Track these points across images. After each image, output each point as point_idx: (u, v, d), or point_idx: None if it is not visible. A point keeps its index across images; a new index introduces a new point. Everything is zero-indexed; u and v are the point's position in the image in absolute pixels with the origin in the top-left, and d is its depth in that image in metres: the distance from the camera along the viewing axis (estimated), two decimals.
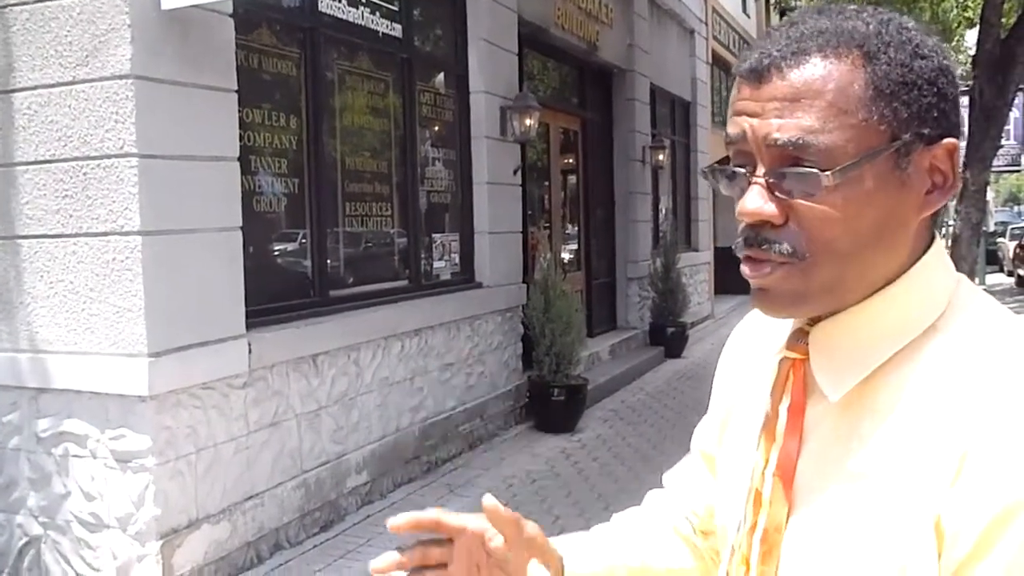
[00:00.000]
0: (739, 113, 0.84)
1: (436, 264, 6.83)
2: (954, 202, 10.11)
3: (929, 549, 0.75)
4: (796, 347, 0.89)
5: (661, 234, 12.35)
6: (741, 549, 0.90)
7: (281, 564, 4.56)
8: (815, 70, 0.79)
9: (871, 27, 0.81)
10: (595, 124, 10.65)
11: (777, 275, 0.82)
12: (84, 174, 3.99)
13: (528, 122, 7.34)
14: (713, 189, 0.90)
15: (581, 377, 7.65)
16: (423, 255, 6.63)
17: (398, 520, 0.94)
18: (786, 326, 0.92)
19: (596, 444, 6.97)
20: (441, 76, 7.01)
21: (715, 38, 16.22)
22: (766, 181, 0.81)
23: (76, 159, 4.00)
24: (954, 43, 17.73)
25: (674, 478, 1.20)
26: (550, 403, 7.38)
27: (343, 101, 5.85)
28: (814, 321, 0.87)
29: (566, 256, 9.88)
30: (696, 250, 14.39)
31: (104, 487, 4.01)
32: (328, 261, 5.53)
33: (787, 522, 0.85)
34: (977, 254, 8.96)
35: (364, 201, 6.01)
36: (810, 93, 0.79)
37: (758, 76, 0.82)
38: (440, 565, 0.98)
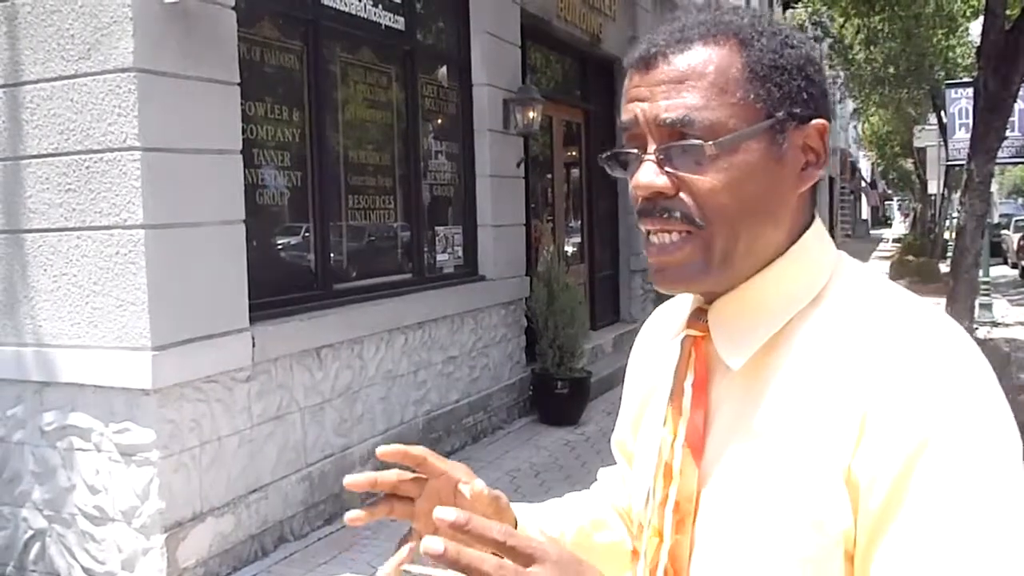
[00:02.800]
0: (631, 100, 0.90)
1: (439, 257, 6.83)
2: (958, 193, 10.09)
3: (842, 501, 0.79)
4: (696, 325, 0.94)
5: None
6: (653, 523, 0.94)
7: (285, 557, 4.57)
8: (697, 55, 0.87)
9: (745, 20, 0.90)
10: (598, 116, 10.62)
11: (682, 250, 0.88)
12: (87, 167, 3.99)
13: (531, 115, 7.33)
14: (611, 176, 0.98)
15: (584, 370, 7.65)
16: (426, 248, 6.63)
17: (387, 448, 0.98)
18: (684, 312, 0.99)
19: (599, 436, 6.97)
20: (444, 69, 7.00)
21: None
22: (656, 157, 0.88)
23: (79, 152, 4.00)
24: (958, 34, 17.67)
25: (603, 477, 1.27)
26: (553, 396, 7.39)
27: (346, 94, 5.84)
28: (710, 300, 0.93)
29: (569, 249, 9.86)
30: None
31: (109, 480, 4.02)
32: (331, 254, 5.53)
33: (699, 492, 0.89)
34: (981, 246, 8.94)
35: (367, 194, 6.01)
36: (693, 75, 0.86)
37: (646, 63, 0.89)
38: (407, 497, 1.03)
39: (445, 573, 0.73)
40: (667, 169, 0.87)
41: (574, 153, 10.29)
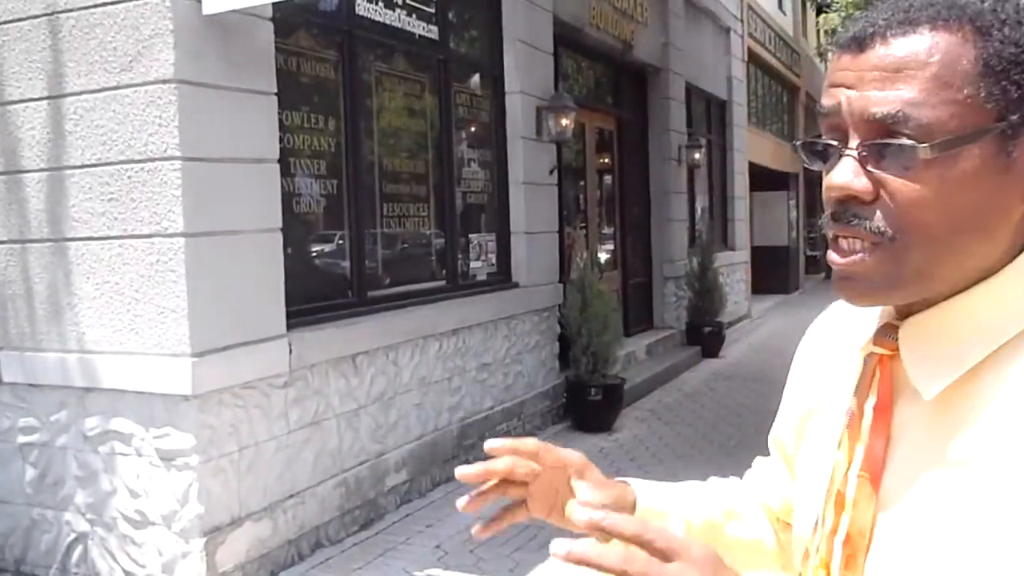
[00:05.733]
0: (835, 84, 0.80)
1: (473, 264, 6.86)
2: None
3: None
4: (884, 343, 0.84)
5: (697, 233, 12.31)
6: (820, 552, 0.85)
7: (322, 562, 4.61)
8: (921, 40, 0.75)
9: (986, 3, 0.76)
10: (630, 123, 10.63)
11: (867, 261, 0.78)
12: (129, 177, 4.06)
13: (564, 122, 7.35)
14: (807, 171, 0.87)
15: (618, 377, 7.64)
16: (460, 255, 6.66)
17: (495, 444, 0.96)
18: (870, 320, 0.88)
19: (633, 444, 6.96)
20: (477, 77, 7.04)
21: (751, 36, 16.11)
22: (859, 154, 0.77)
23: (121, 163, 4.08)
24: None
25: (758, 466, 1.19)
26: (587, 403, 7.38)
27: (380, 103, 5.90)
28: (903, 315, 0.83)
29: (602, 256, 9.87)
30: (733, 249, 14.30)
31: (149, 485, 4.08)
32: (366, 262, 5.58)
33: (873, 526, 0.80)
34: None
35: (401, 202, 6.06)
36: (914, 64, 0.75)
37: (859, 44, 0.78)
38: (522, 483, 1.01)
39: None
40: (869, 169, 0.76)
41: (607, 160, 10.30)
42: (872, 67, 0.77)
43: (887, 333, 0.84)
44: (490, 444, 0.96)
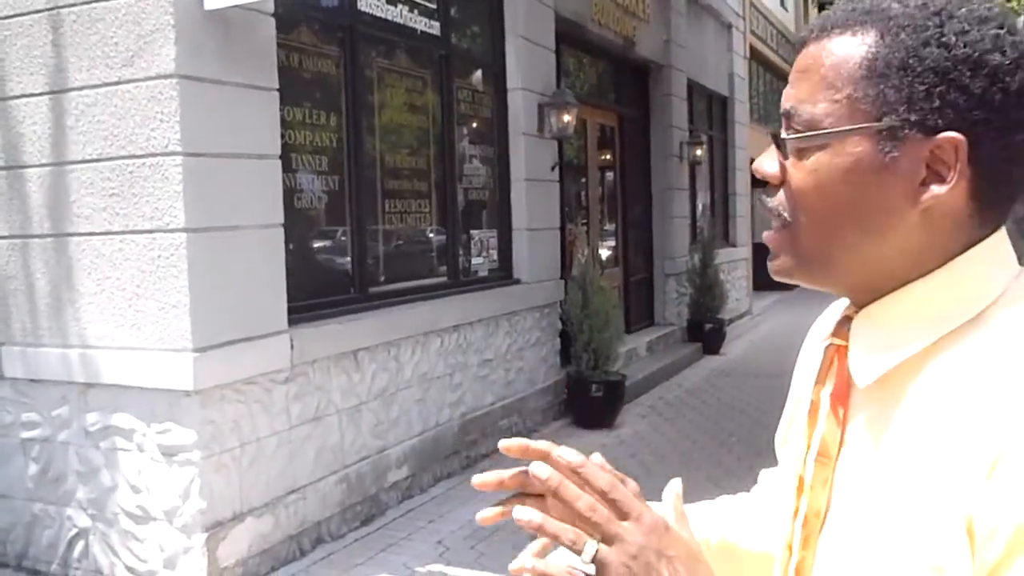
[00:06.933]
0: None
1: (474, 260, 6.86)
2: None
3: (962, 549, 0.72)
4: (839, 333, 0.89)
5: (699, 230, 12.30)
6: (784, 535, 0.91)
7: (323, 557, 4.61)
8: (825, 45, 0.83)
9: (904, 10, 0.80)
10: (632, 120, 10.62)
11: (776, 238, 0.87)
12: (130, 172, 4.06)
13: (565, 119, 7.33)
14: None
15: (619, 373, 7.63)
16: (461, 252, 6.66)
17: (509, 443, 0.94)
18: (837, 315, 0.93)
19: (634, 440, 6.96)
20: (479, 73, 7.03)
21: (753, 33, 16.09)
22: (775, 144, 0.86)
23: (122, 158, 4.07)
24: None
25: (764, 478, 1.20)
26: (588, 399, 7.38)
27: (382, 99, 5.89)
28: (859, 308, 0.87)
29: (604, 252, 9.87)
30: (734, 246, 14.30)
31: (151, 480, 4.08)
32: (368, 258, 5.57)
33: (827, 508, 0.85)
34: (1020, 251, 8.83)
35: (403, 198, 6.05)
36: (814, 66, 0.83)
37: (796, 48, 0.88)
38: (539, 495, 0.97)
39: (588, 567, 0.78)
40: (780, 158, 0.86)
41: (608, 157, 10.29)
42: (795, 68, 0.86)
43: (844, 324, 0.89)
44: (504, 444, 0.95)
